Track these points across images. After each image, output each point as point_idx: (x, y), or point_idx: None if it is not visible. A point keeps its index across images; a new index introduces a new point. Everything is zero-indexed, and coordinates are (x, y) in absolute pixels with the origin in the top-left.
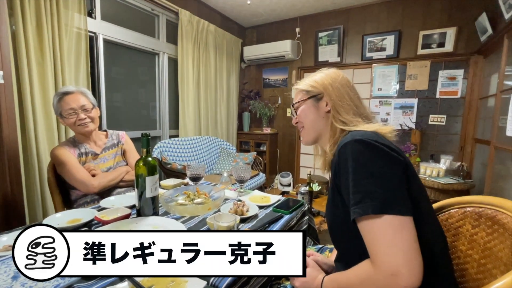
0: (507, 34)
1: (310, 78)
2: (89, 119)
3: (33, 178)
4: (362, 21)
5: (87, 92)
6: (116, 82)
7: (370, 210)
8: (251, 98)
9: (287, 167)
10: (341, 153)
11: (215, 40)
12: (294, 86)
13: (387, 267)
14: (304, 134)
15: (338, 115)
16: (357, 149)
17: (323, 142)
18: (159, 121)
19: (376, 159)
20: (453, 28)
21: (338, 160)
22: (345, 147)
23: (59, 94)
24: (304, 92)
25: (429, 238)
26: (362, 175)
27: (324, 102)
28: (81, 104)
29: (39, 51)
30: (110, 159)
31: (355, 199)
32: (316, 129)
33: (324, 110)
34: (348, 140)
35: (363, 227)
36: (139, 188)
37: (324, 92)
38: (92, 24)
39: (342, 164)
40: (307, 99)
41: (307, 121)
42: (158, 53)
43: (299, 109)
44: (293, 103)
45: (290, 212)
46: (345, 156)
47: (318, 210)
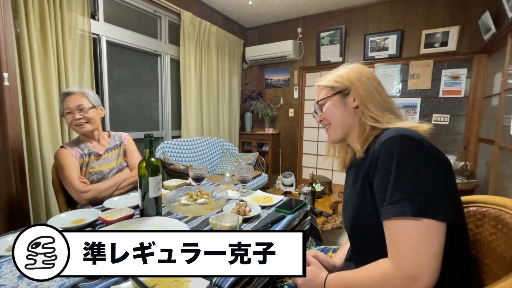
0: (511, 33)
1: (333, 74)
2: (85, 119)
3: (37, 178)
4: (364, 21)
5: (89, 93)
6: (119, 84)
7: (408, 212)
8: (253, 98)
9: (289, 168)
10: (384, 148)
11: (217, 41)
12: (317, 83)
13: (408, 270)
14: (331, 132)
15: (367, 111)
16: (404, 146)
17: (351, 139)
18: (162, 122)
19: (423, 158)
20: (456, 27)
21: (378, 155)
22: (390, 142)
23: (62, 95)
24: (329, 88)
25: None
26: (406, 173)
27: (351, 98)
28: (78, 104)
29: (43, 53)
30: (113, 160)
31: (392, 198)
32: (345, 126)
33: (352, 106)
34: (393, 135)
35: (392, 227)
36: (142, 189)
37: (350, 87)
38: (95, 26)
39: (383, 160)
40: (332, 95)
41: (334, 119)
42: (160, 54)
43: (325, 106)
44: (317, 100)
45: (293, 212)
46: (389, 152)
47: (320, 210)
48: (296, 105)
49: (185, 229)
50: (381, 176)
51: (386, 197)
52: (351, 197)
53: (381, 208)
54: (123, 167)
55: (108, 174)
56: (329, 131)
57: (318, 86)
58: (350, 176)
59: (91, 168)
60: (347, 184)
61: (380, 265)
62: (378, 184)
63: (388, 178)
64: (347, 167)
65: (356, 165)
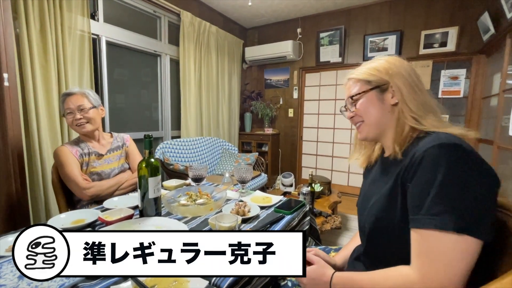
0: (510, 33)
1: (368, 66)
2: (85, 119)
3: (37, 179)
4: (364, 21)
5: (89, 93)
6: (118, 84)
7: (450, 227)
8: (253, 98)
9: (289, 168)
10: (430, 154)
11: (216, 41)
12: (349, 75)
13: (436, 283)
14: (364, 130)
15: (407, 109)
16: (455, 156)
17: (385, 138)
18: (161, 122)
19: (474, 172)
20: (455, 28)
21: (421, 160)
22: (439, 150)
23: (63, 95)
24: (364, 82)
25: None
26: (454, 186)
27: (389, 94)
28: (78, 104)
29: (43, 53)
30: (115, 160)
31: (433, 209)
32: (381, 125)
33: (390, 103)
34: (444, 142)
35: (425, 237)
36: (141, 189)
37: (390, 81)
38: (95, 27)
39: (427, 166)
40: (369, 90)
41: (369, 116)
42: (160, 55)
43: (359, 102)
44: (351, 95)
45: (292, 213)
46: (436, 159)
47: (320, 210)
48: (295, 105)
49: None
50: (422, 182)
51: (424, 205)
52: (375, 196)
53: (414, 215)
54: (125, 169)
55: (109, 174)
56: (362, 129)
57: (350, 79)
58: (373, 173)
59: (92, 167)
60: (367, 180)
61: (400, 272)
62: (415, 190)
63: (430, 186)
64: (371, 164)
65: (384, 164)
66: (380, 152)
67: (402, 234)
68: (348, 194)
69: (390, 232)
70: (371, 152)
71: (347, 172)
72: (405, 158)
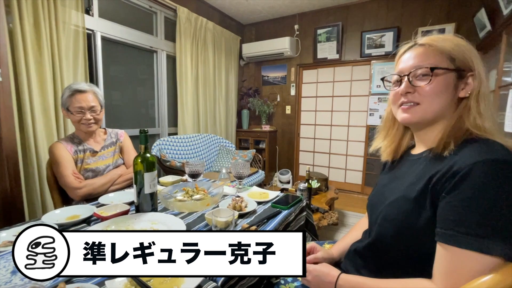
0: (506, 30)
1: (449, 38)
2: (94, 120)
3: (32, 175)
4: (361, 18)
5: (99, 92)
6: (114, 80)
7: (496, 252)
8: (250, 95)
9: (286, 165)
10: (479, 169)
11: (213, 38)
12: (423, 40)
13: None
14: (418, 114)
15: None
16: (509, 176)
17: (430, 133)
18: (158, 119)
19: None
20: (451, 24)
21: (467, 173)
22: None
23: (71, 90)
24: (447, 57)
25: None
26: (505, 208)
27: (462, 84)
28: (91, 105)
29: (37, 49)
30: (109, 156)
31: (476, 230)
32: (437, 115)
33: (459, 95)
34: (496, 158)
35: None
36: (137, 185)
37: (475, 68)
38: (90, 22)
39: (474, 183)
40: (452, 70)
41: (432, 103)
42: (156, 51)
43: (431, 81)
44: (425, 66)
45: (288, 208)
46: (487, 177)
47: (317, 206)
48: (293, 102)
49: (181, 225)
50: (465, 198)
51: (465, 224)
52: (395, 194)
53: (446, 230)
54: (119, 165)
55: (104, 171)
56: (414, 111)
57: (423, 44)
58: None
59: (86, 164)
60: (387, 175)
61: (423, 286)
62: (455, 204)
63: (476, 205)
64: (397, 157)
65: (411, 161)
66: (410, 144)
67: (418, 239)
68: (345, 190)
69: (405, 235)
70: (400, 141)
71: (344, 169)
72: (443, 162)
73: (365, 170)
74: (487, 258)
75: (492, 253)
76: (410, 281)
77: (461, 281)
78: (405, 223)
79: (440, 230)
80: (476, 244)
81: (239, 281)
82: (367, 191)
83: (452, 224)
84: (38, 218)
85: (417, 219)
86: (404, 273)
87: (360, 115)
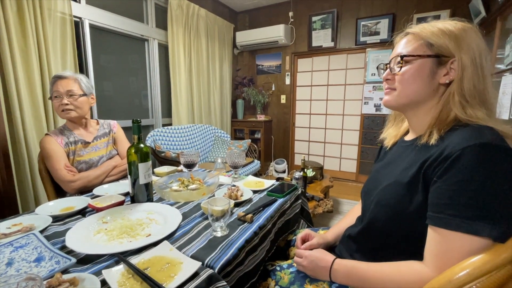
0: (500, 16)
1: (437, 25)
2: (72, 106)
3: (24, 167)
4: (356, 5)
5: (82, 79)
6: (105, 70)
7: (485, 233)
8: (245, 85)
9: (281, 154)
10: (468, 154)
11: (206, 25)
12: (410, 28)
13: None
14: (391, 99)
15: (459, 95)
16: (497, 160)
17: (417, 119)
18: (152, 109)
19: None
20: (447, 11)
21: (457, 158)
22: (479, 151)
23: (54, 77)
24: (425, 44)
25: None
26: (494, 191)
27: (444, 70)
28: (68, 89)
29: (22, 37)
30: (102, 147)
31: (466, 212)
32: (413, 101)
33: (440, 81)
34: (485, 142)
35: (449, 239)
36: (132, 175)
37: (455, 55)
38: (77, 9)
39: (463, 167)
40: (426, 57)
41: (406, 89)
42: (147, 39)
43: (405, 67)
44: (402, 54)
45: (284, 196)
46: (475, 161)
47: (312, 194)
48: (288, 91)
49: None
50: (455, 181)
51: (454, 206)
52: (387, 179)
53: (437, 213)
54: (113, 155)
55: (98, 162)
56: (390, 96)
57: (408, 33)
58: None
59: (78, 156)
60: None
61: (412, 268)
62: (445, 188)
63: (465, 188)
64: (395, 143)
65: (404, 147)
66: (406, 130)
67: (410, 223)
68: (339, 179)
69: (397, 219)
70: (398, 131)
71: (339, 157)
72: (435, 148)
73: (359, 158)
74: (475, 239)
75: (481, 234)
76: (402, 264)
77: (451, 262)
78: (398, 207)
79: (431, 214)
80: (465, 226)
81: (236, 267)
82: (362, 179)
83: (443, 207)
84: (32, 210)
85: (409, 203)
86: (396, 256)
87: (355, 103)
